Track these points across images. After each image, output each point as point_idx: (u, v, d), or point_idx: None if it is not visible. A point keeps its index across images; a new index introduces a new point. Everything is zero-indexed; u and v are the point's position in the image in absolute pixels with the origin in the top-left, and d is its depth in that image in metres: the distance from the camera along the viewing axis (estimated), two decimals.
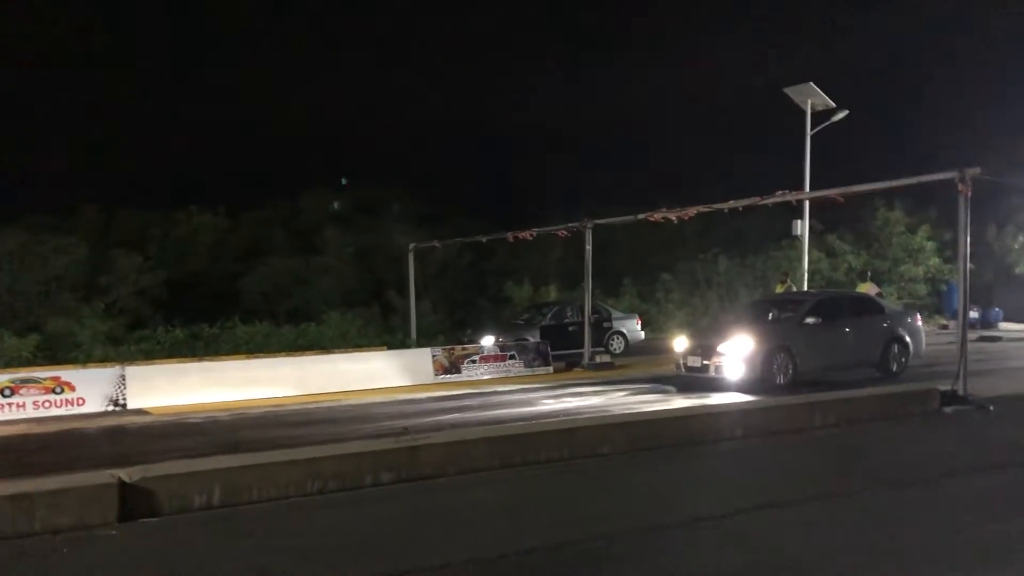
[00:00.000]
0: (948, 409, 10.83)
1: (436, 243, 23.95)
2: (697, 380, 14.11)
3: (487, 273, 35.29)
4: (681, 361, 14.58)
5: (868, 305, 15.75)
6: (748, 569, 5.04)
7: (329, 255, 33.76)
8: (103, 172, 48.24)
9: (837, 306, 15.14)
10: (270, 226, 37.95)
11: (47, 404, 12.92)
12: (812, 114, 23.17)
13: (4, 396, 12.64)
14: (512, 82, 75.97)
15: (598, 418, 9.92)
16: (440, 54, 75.58)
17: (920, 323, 16.05)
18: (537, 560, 5.23)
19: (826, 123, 23.39)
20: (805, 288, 22.78)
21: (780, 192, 15.06)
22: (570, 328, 20.55)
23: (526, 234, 19.78)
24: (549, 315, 21.05)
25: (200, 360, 16.28)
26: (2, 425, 12.10)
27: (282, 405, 13.49)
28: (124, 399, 13.38)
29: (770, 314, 15.25)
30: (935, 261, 30.16)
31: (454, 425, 10.53)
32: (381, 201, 40.48)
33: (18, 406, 12.70)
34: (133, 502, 6.19)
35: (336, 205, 38.97)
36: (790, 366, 13.77)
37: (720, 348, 13.80)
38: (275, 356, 17.47)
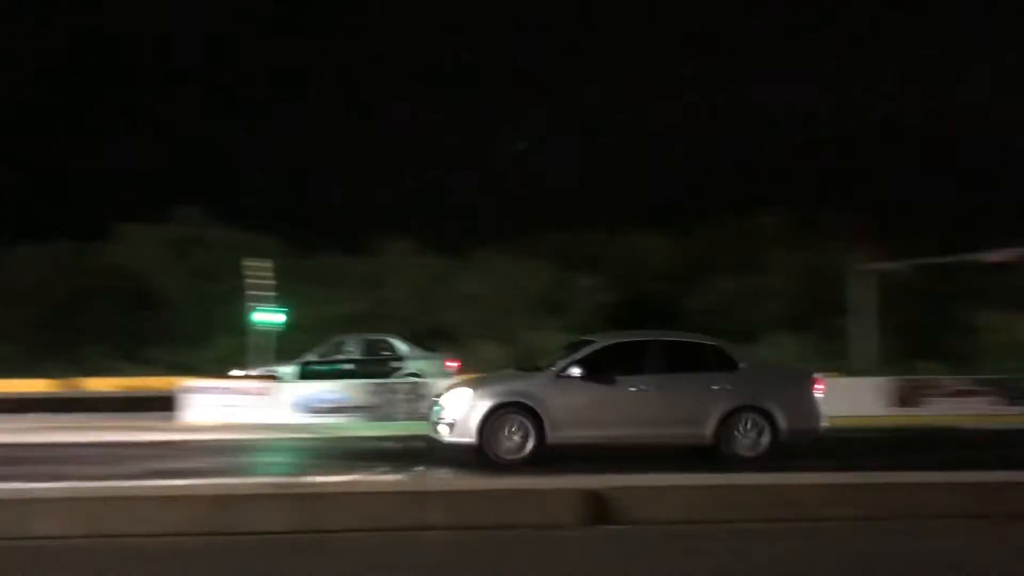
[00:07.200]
0: None
1: (890, 264, 22.31)
2: None
3: (951, 297, 31.90)
4: None
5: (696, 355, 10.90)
6: None
7: (773, 275, 33.43)
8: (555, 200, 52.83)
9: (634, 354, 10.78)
10: (716, 246, 38.55)
11: None
12: None
13: None
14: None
15: None
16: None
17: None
18: None
19: None
20: None
21: None
22: None
23: (1006, 258, 17.43)
24: None
25: None
26: None
27: None
28: None
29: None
30: None
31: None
32: (826, 219, 38.83)
33: None
34: (598, 509, 6.81)
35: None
36: (531, 433, 10.25)
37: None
38: None
